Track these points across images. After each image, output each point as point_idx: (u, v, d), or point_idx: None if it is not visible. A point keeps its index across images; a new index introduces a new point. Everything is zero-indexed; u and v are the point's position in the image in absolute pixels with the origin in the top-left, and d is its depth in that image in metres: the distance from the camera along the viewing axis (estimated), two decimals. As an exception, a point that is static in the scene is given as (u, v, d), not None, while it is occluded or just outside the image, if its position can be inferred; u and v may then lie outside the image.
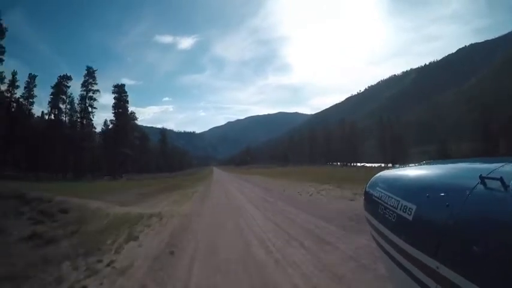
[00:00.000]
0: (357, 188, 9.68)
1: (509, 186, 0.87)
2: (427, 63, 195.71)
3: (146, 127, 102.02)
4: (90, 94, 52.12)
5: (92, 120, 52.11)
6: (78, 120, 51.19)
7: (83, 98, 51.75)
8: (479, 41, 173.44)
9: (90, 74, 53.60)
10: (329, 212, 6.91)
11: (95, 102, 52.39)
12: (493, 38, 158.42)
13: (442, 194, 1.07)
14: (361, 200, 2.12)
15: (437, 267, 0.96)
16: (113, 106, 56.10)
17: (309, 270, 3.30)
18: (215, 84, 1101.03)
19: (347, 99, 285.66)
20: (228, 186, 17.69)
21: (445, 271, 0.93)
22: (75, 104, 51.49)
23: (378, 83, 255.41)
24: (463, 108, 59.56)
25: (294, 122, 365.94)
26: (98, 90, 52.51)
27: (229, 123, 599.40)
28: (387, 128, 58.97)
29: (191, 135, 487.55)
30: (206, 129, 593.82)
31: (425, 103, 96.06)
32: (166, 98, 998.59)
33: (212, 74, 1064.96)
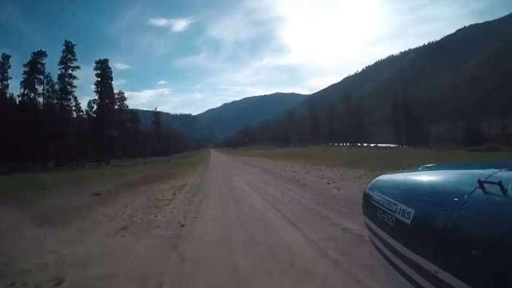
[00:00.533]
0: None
1: (507, 190, 0.87)
2: (426, 44, 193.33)
3: (142, 111, 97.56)
4: (69, 72, 45.97)
5: (70, 100, 46.26)
6: (57, 102, 45.20)
7: (61, 77, 45.40)
8: (479, 22, 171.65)
9: (69, 49, 47.17)
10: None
11: (75, 80, 46.44)
12: (493, 19, 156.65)
13: (441, 198, 1.08)
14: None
15: (436, 272, 0.95)
16: (95, 84, 50.17)
17: None
18: (211, 66, 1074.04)
19: (344, 79, 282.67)
20: (230, 175, 13.60)
21: (444, 275, 0.92)
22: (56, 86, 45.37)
23: (376, 63, 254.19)
24: (463, 89, 57.43)
25: (291, 102, 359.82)
26: (77, 67, 46.44)
27: (225, 105, 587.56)
28: (400, 106, 54.27)
29: (187, 117, 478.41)
30: (202, 111, 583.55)
31: (424, 83, 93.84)
32: (162, 82, 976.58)
33: (208, 56, 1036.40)
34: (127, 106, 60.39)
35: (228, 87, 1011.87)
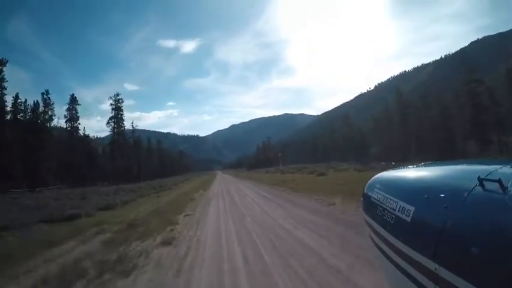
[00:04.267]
0: None
1: (507, 188, 0.87)
2: (443, 57, 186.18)
3: (150, 131, 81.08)
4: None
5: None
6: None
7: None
8: (492, 34, 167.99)
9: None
10: None
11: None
12: (507, 30, 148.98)
13: (440, 196, 1.07)
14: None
15: (436, 269, 0.95)
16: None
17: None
18: (219, 88, 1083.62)
19: (357, 97, 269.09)
20: None
21: (444, 273, 0.92)
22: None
23: (388, 80, 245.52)
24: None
25: (300, 123, 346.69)
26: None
27: (233, 126, 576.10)
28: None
29: (195, 138, 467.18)
30: (210, 132, 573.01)
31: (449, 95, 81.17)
32: (171, 103, 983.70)
33: (216, 78, 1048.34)
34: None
35: (236, 109, 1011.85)
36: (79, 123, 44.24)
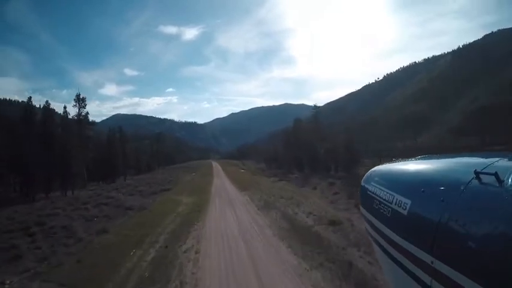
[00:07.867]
0: None
1: (503, 181, 0.87)
2: (461, 46, 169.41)
3: (147, 117, 60.24)
4: None
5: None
6: None
7: None
8: (507, 27, 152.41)
9: None
10: None
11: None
12: None
13: (437, 189, 1.07)
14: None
15: (432, 262, 0.96)
16: None
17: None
18: (219, 76, 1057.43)
19: (364, 87, 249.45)
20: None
21: (440, 266, 0.93)
22: None
23: (398, 71, 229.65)
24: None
25: (300, 113, 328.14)
26: None
27: (232, 115, 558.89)
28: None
29: (193, 125, 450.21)
30: (209, 120, 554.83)
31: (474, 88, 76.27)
32: (170, 89, 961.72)
33: (216, 66, 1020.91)
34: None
35: (235, 97, 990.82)
36: None
